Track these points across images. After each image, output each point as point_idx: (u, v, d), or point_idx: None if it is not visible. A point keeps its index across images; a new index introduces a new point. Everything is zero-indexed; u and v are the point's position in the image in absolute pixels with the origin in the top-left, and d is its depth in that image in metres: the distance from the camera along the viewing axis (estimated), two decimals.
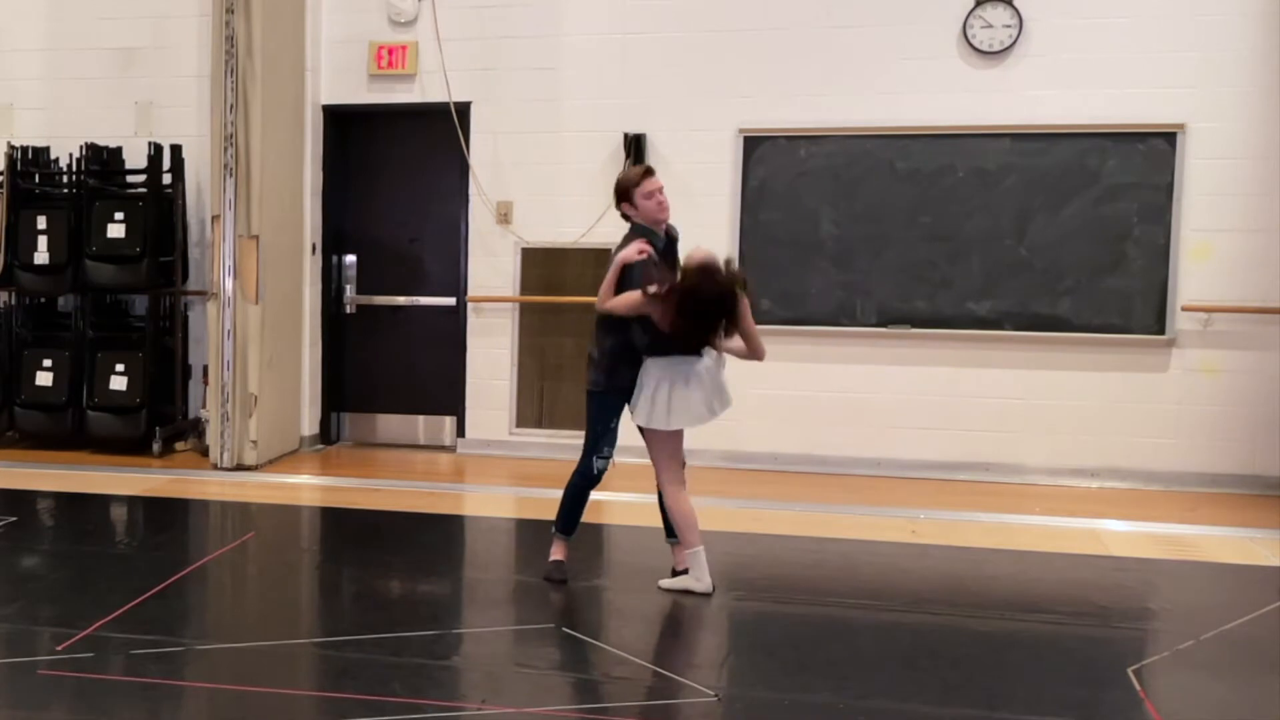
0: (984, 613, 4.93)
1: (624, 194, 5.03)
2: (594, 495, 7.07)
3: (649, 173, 5.05)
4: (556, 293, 8.01)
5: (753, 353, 4.96)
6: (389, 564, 5.62)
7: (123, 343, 8.13)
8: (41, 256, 8.01)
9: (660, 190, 4.99)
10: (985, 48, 7.43)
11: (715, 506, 6.72)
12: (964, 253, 7.53)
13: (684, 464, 5.19)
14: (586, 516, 6.59)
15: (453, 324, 8.30)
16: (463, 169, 8.19)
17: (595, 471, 5.21)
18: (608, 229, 7.90)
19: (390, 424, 8.65)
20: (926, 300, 7.58)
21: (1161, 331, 7.34)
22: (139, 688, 4.01)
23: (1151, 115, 7.26)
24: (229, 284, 7.61)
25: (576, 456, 7.98)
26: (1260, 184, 7.19)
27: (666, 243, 5.08)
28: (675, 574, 5.15)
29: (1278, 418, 7.21)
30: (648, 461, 7.91)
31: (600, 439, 5.17)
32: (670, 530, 5.21)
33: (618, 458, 5.21)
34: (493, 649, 4.54)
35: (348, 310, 8.63)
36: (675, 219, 7.68)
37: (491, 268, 8.16)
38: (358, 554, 5.85)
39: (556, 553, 5.29)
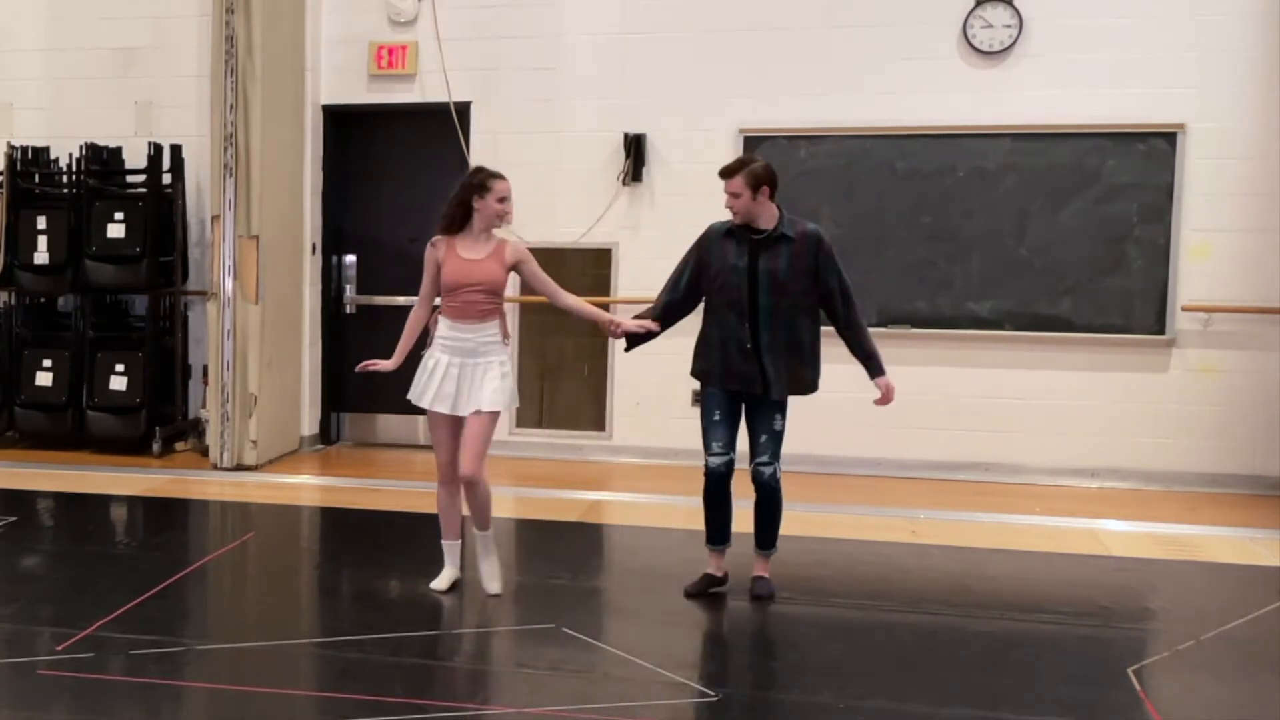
0: (984, 613, 4.93)
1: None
2: (594, 495, 7.11)
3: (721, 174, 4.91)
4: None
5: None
6: (389, 564, 5.62)
7: (123, 343, 8.12)
8: (41, 256, 8.01)
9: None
10: (985, 48, 7.43)
11: None
12: (964, 253, 7.53)
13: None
14: (586, 516, 6.60)
15: None
16: (463, 169, 8.14)
17: (708, 469, 4.96)
18: (607, 229, 7.94)
19: (390, 424, 8.64)
20: (927, 300, 7.58)
21: (1161, 331, 7.34)
22: (139, 688, 4.01)
23: (1151, 115, 7.26)
24: (229, 284, 7.61)
25: (576, 457, 8.09)
26: (1260, 184, 7.19)
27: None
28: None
29: (1278, 418, 7.21)
30: (644, 462, 7.95)
31: (705, 434, 4.99)
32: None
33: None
34: (493, 649, 4.54)
35: (348, 310, 8.62)
36: (675, 218, 7.71)
37: None
38: (358, 554, 5.85)
39: (710, 566, 5.14)
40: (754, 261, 4.84)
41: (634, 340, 5.08)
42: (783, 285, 4.82)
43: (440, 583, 5.04)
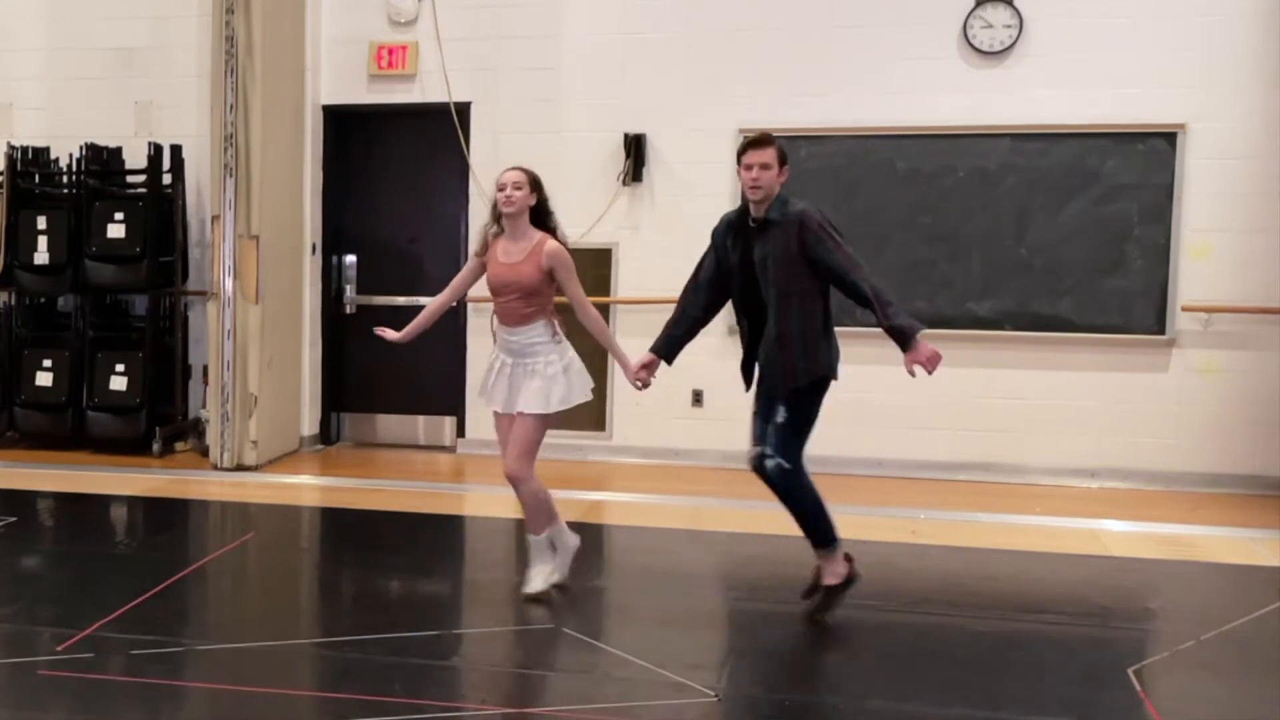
0: (984, 613, 4.93)
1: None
2: (594, 495, 7.12)
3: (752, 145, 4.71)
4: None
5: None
6: (389, 564, 5.62)
7: (123, 343, 8.13)
8: (41, 256, 8.01)
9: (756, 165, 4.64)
10: (985, 48, 7.43)
11: (715, 506, 6.73)
12: (964, 253, 7.53)
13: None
14: (586, 517, 6.61)
15: (453, 324, 8.28)
16: (463, 169, 8.19)
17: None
18: (607, 229, 7.93)
19: (390, 424, 8.64)
20: (926, 300, 7.57)
21: (1161, 331, 7.34)
22: (139, 688, 4.01)
23: (1151, 115, 7.25)
24: (229, 284, 7.61)
25: (576, 457, 8.08)
26: (1260, 184, 7.18)
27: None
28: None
29: (1278, 418, 7.21)
30: (644, 462, 7.95)
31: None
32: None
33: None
34: (493, 649, 4.54)
35: (348, 310, 8.62)
36: (675, 218, 7.71)
37: None
38: (358, 554, 5.85)
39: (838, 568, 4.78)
40: (748, 251, 4.64)
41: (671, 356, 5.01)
42: (773, 273, 4.57)
43: (529, 585, 4.92)
